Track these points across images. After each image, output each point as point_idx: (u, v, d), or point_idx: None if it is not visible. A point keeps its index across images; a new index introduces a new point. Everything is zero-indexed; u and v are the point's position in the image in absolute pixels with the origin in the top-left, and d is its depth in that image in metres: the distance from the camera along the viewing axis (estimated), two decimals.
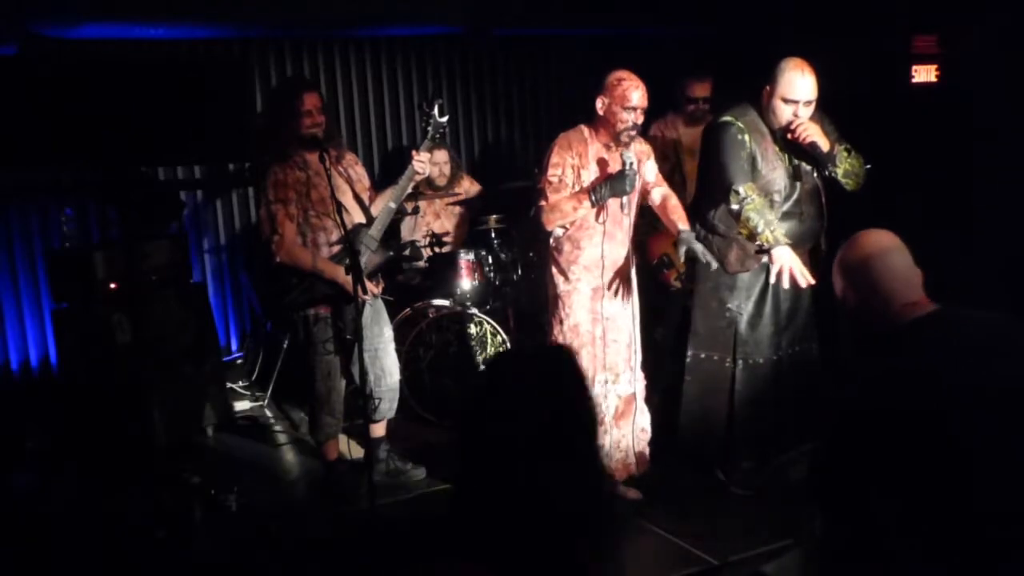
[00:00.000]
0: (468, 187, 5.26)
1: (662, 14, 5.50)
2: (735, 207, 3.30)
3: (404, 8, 5.05)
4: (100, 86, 3.41)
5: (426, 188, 5.01)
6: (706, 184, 3.57)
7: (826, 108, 3.55)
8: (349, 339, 3.67)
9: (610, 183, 3.23)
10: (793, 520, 3.33)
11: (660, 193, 3.55)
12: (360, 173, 3.82)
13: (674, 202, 3.55)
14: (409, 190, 3.70)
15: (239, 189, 5.59)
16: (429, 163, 3.67)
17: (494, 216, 4.79)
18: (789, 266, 3.21)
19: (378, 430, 3.92)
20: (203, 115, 3.64)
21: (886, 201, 5.15)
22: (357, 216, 3.67)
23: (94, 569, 3.28)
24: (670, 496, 3.61)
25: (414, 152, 3.63)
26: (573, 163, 3.31)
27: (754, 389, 3.55)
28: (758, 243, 3.27)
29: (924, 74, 5.05)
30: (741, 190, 3.29)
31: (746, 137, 3.35)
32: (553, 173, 3.31)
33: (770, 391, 3.57)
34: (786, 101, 3.31)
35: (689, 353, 3.61)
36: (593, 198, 3.24)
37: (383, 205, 3.65)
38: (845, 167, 3.43)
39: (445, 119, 3.64)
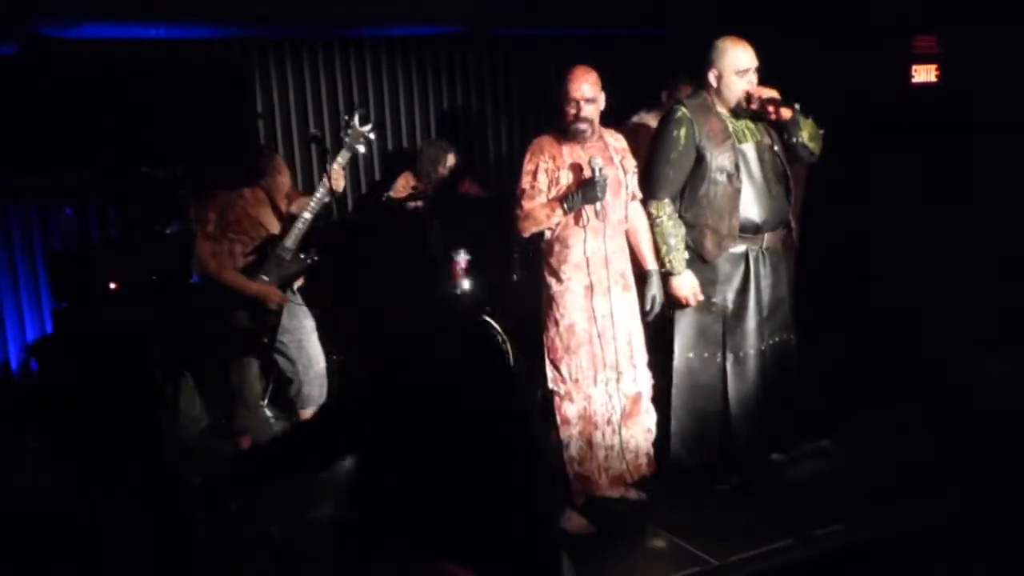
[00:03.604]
0: (475, 192, 5.30)
1: (662, 14, 5.50)
2: (653, 221, 3.49)
3: (404, 8, 5.05)
4: (100, 86, 3.41)
5: (431, 188, 5.03)
6: None
7: (827, 107, 3.57)
8: (266, 342, 3.90)
9: (581, 191, 3.24)
10: (793, 520, 3.35)
11: (633, 210, 3.53)
12: (281, 181, 4.00)
13: (643, 226, 3.52)
14: (325, 201, 3.86)
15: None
16: (343, 177, 3.87)
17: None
18: (684, 297, 3.46)
19: (307, 416, 4.09)
20: (203, 115, 3.64)
21: (886, 201, 5.16)
22: (274, 229, 3.89)
23: (94, 569, 3.28)
24: (670, 496, 3.61)
25: (328, 167, 3.80)
26: (547, 167, 3.31)
27: (745, 382, 3.55)
28: (661, 263, 3.47)
29: (924, 74, 5.06)
30: (653, 210, 3.48)
31: (683, 131, 3.42)
32: (527, 180, 3.31)
33: (758, 384, 3.56)
34: (739, 73, 3.42)
35: (676, 356, 3.56)
36: (565, 206, 3.24)
37: (299, 217, 3.84)
38: (808, 131, 3.51)
39: (367, 128, 3.82)
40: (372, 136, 3.93)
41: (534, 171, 3.31)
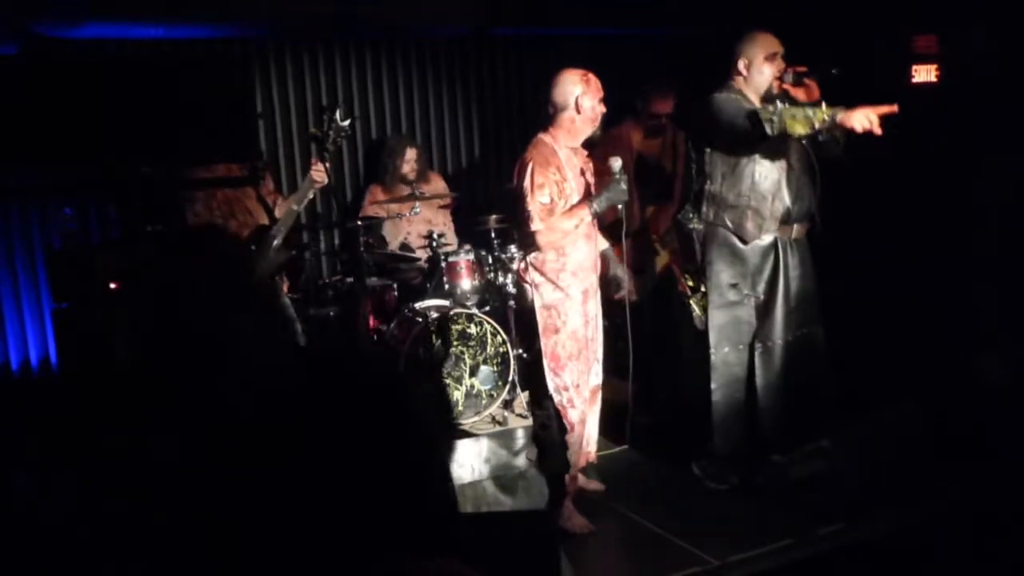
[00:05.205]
0: (438, 185, 5.33)
1: (661, 15, 5.50)
2: (773, 120, 3.20)
3: (404, 8, 5.05)
4: (100, 86, 3.41)
5: (397, 183, 5.10)
6: (712, 157, 3.59)
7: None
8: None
9: (608, 193, 3.27)
10: (793, 520, 3.35)
11: None
12: (267, 177, 4.06)
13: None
14: (310, 196, 3.97)
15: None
16: (327, 172, 3.88)
17: (494, 216, 4.79)
18: (863, 117, 3.14)
19: None
20: (203, 115, 3.65)
21: (886, 200, 5.16)
22: (262, 219, 3.93)
23: (94, 569, 3.28)
24: (670, 496, 3.61)
25: (314, 161, 3.85)
26: (555, 179, 3.29)
27: (773, 372, 3.57)
28: (818, 128, 3.17)
29: (924, 74, 5.05)
30: (769, 107, 3.25)
31: (739, 96, 3.46)
32: (542, 194, 3.24)
33: (786, 374, 3.58)
34: (769, 57, 3.47)
35: (712, 351, 3.59)
36: (595, 209, 3.25)
37: (287, 208, 3.90)
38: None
39: (347, 123, 3.89)
40: (348, 133, 4.02)
41: (546, 184, 3.26)
